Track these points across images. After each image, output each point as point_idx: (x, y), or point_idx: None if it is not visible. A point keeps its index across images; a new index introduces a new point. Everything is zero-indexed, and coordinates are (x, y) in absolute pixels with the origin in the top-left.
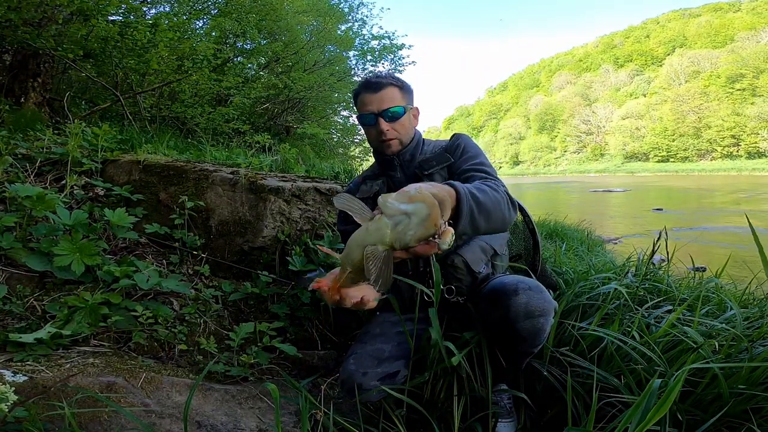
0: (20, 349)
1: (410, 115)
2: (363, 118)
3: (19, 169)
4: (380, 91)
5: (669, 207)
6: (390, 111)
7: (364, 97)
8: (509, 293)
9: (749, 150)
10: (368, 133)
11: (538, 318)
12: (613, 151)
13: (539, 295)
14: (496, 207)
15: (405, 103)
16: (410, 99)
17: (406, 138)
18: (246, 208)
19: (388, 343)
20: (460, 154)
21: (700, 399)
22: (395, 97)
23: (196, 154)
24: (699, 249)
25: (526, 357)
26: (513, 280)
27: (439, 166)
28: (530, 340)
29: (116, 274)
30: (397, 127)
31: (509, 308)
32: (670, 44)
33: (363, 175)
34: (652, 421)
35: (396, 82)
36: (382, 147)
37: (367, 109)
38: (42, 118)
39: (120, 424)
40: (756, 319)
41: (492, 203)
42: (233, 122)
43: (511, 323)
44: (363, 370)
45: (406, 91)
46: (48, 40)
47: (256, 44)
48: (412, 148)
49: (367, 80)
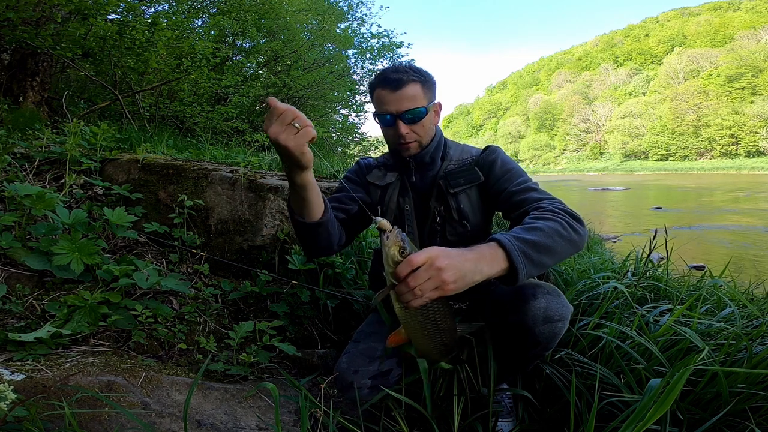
0: (20, 348)
1: (432, 113)
2: (380, 119)
3: (17, 168)
4: (400, 90)
5: (668, 205)
6: (411, 113)
7: (382, 95)
8: (527, 297)
9: (748, 149)
10: (385, 132)
11: (557, 323)
12: (613, 150)
13: (558, 299)
14: (555, 237)
15: (427, 101)
16: (433, 94)
17: (427, 139)
18: (245, 206)
19: (381, 342)
20: (500, 174)
21: (699, 397)
22: (417, 96)
23: (195, 153)
24: (698, 247)
25: (535, 360)
26: (530, 284)
27: (468, 186)
28: (545, 344)
29: (116, 273)
30: (417, 129)
31: (527, 312)
32: (669, 43)
33: (376, 159)
34: (651, 420)
35: (418, 76)
36: (400, 149)
37: (384, 109)
38: (40, 117)
39: (120, 423)
40: (755, 317)
41: (549, 236)
42: (232, 121)
43: (528, 328)
44: (354, 368)
45: (428, 86)
46: (46, 39)
47: (255, 43)
48: (432, 150)
49: (385, 75)
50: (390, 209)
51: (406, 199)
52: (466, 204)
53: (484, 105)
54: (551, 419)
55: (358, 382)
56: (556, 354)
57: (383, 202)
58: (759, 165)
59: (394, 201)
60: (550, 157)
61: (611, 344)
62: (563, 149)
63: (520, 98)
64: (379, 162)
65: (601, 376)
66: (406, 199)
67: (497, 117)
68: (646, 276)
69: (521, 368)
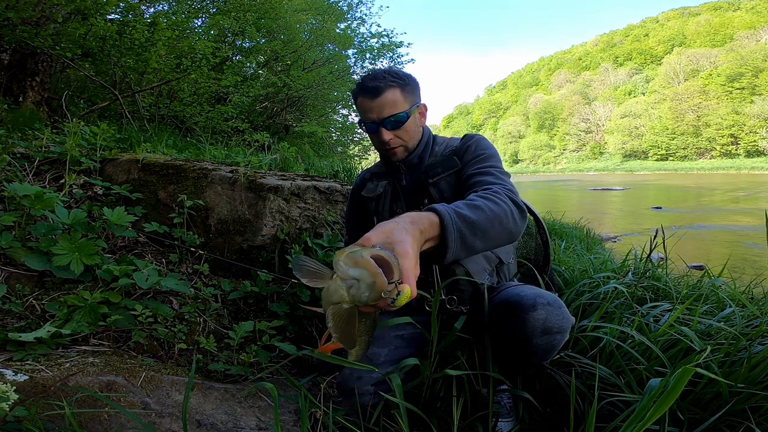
0: (20, 348)
1: (416, 116)
2: (365, 126)
3: (17, 168)
4: (379, 97)
5: (668, 205)
6: (391, 119)
7: (363, 103)
8: (527, 307)
9: (748, 148)
10: (371, 139)
11: (555, 335)
12: (612, 150)
13: (558, 311)
14: (494, 222)
15: (409, 106)
16: (415, 96)
17: (413, 143)
18: (245, 206)
19: (384, 348)
20: (470, 158)
21: (699, 397)
22: (397, 101)
23: (195, 153)
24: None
25: (533, 368)
26: (531, 293)
27: (446, 173)
28: (543, 355)
29: (115, 273)
30: (401, 134)
31: (526, 323)
32: (669, 43)
33: (369, 170)
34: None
35: (396, 81)
36: (387, 154)
37: (367, 117)
38: (40, 117)
39: (120, 423)
40: (755, 317)
41: (489, 219)
42: (232, 121)
43: (526, 338)
44: (357, 375)
45: (409, 89)
46: (46, 39)
47: (254, 43)
48: (420, 152)
49: (364, 83)
50: (385, 218)
51: (399, 204)
52: (448, 191)
53: (484, 105)
54: (551, 419)
55: (360, 389)
56: (556, 355)
57: (378, 213)
58: (759, 165)
59: (387, 209)
60: (550, 157)
61: (611, 344)
62: (563, 149)
63: (520, 98)
64: (372, 172)
65: (602, 375)
66: (399, 203)
67: (497, 117)
68: (646, 276)
69: (520, 373)
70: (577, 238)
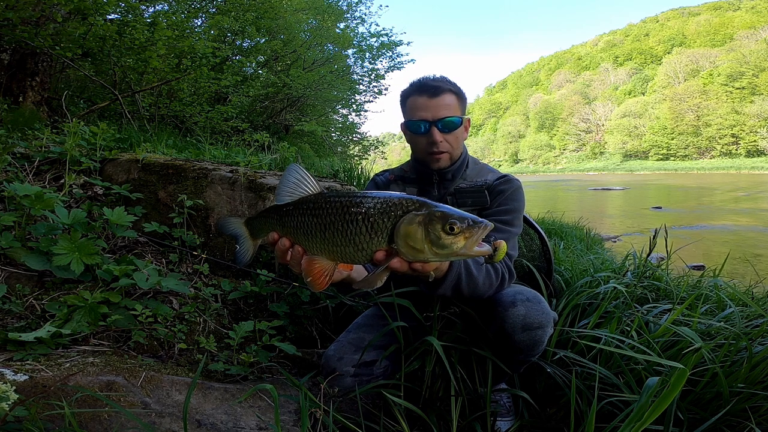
0: (20, 348)
1: (463, 127)
2: (413, 125)
3: (17, 168)
4: (438, 97)
5: (668, 205)
6: (446, 120)
7: (418, 101)
8: (506, 305)
9: (748, 148)
10: (416, 141)
11: (536, 330)
12: (612, 150)
13: (538, 307)
14: (485, 284)
15: (461, 114)
16: (464, 108)
17: (456, 153)
18: (245, 206)
19: (371, 334)
20: (498, 204)
21: (699, 397)
22: (452, 105)
23: (195, 153)
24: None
25: (524, 365)
26: (510, 291)
27: (472, 208)
28: (527, 351)
29: (115, 273)
30: (450, 139)
31: (505, 320)
32: (669, 43)
33: (392, 172)
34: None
35: (453, 88)
36: (430, 159)
37: (419, 115)
38: (40, 117)
39: (120, 423)
40: (755, 317)
41: (482, 280)
42: (232, 121)
43: (508, 335)
44: (339, 356)
45: (462, 100)
46: (46, 39)
47: (254, 42)
48: (456, 168)
49: (422, 82)
50: None
51: None
52: None
53: (484, 105)
54: (552, 418)
55: (341, 369)
56: (556, 354)
57: None
58: (759, 164)
59: None
60: (550, 157)
61: (611, 343)
62: (563, 149)
63: (520, 98)
64: (396, 175)
65: (601, 376)
66: None
67: (497, 117)
68: (646, 276)
69: (512, 371)
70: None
